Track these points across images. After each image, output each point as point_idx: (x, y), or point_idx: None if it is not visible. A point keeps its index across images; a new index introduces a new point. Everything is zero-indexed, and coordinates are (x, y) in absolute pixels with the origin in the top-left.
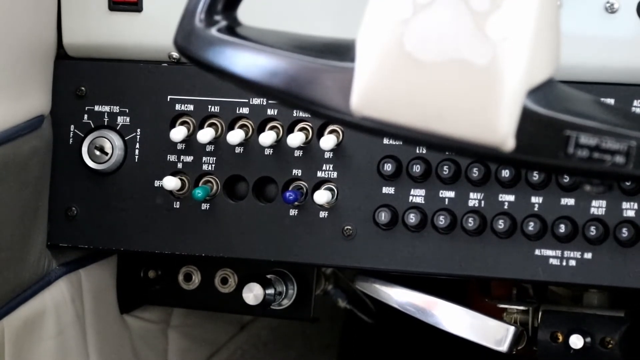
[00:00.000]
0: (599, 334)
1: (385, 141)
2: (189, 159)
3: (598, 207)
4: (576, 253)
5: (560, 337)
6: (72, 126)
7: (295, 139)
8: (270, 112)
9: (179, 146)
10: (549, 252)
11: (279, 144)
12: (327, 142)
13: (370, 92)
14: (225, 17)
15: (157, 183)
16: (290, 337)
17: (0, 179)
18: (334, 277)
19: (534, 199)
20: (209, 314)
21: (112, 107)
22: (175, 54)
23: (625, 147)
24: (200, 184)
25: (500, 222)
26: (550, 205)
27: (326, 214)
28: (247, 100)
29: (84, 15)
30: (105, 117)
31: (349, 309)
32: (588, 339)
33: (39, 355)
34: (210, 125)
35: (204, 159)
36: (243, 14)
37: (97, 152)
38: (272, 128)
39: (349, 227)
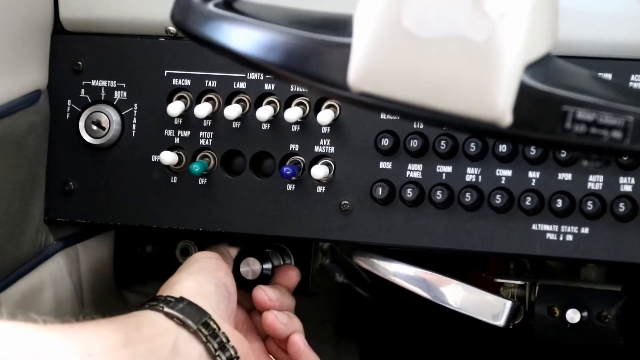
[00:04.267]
0: (595, 309)
1: (383, 116)
2: (186, 133)
3: (595, 182)
4: (573, 228)
5: (557, 312)
6: (69, 101)
7: (293, 113)
8: (267, 87)
9: (176, 121)
10: (546, 227)
11: (276, 119)
12: (325, 116)
13: (368, 68)
14: None
15: (154, 158)
16: None
17: None
18: (331, 251)
19: (531, 174)
20: None
21: (109, 81)
22: (172, 29)
23: (622, 122)
24: (197, 159)
25: (498, 197)
26: (547, 180)
27: (323, 189)
28: (244, 75)
29: None
30: (102, 91)
31: (346, 284)
32: (585, 314)
33: None
34: (208, 100)
35: (201, 133)
36: None
37: (94, 127)
38: (269, 103)
39: (346, 202)
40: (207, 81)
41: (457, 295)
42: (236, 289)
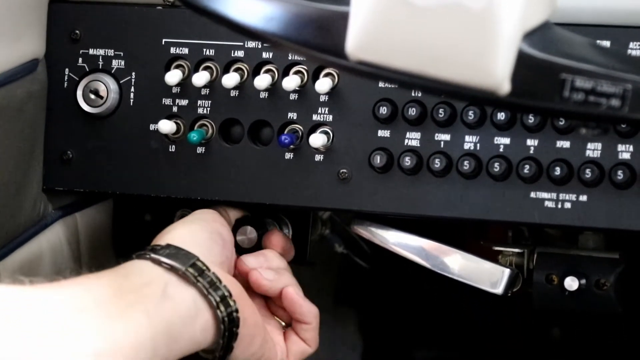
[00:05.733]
0: (593, 276)
1: (381, 84)
2: (184, 102)
3: (593, 149)
4: (571, 195)
5: (556, 279)
6: (67, 70)
7: (291, 82)
8: (265, 55)
9: (174, 90)
10: (545, 195)
11: (274, 87)
12: (323, 85)
13: (366, 37)
14: None
15: (152, 127)
16: None
17: None
18: (331, 221)
19: (529, 142)
20: None
21: (106, 50)
22: None
23: (620, 90)
24: (195, 128)
25: (496, 164)
26: (545, 147)
27: (321, 158)
28: (242, 44)
29: None
30: (100, 60)
31: (345, 254)
32: (583, 281)
33: None
34: (206, 68)
35: (199, 102)
36: None
37: (92, 96)
38: (267, 71)
39: (345, 171)
40: (205, 50)
41: (455, 263)
42: (233, 240)
